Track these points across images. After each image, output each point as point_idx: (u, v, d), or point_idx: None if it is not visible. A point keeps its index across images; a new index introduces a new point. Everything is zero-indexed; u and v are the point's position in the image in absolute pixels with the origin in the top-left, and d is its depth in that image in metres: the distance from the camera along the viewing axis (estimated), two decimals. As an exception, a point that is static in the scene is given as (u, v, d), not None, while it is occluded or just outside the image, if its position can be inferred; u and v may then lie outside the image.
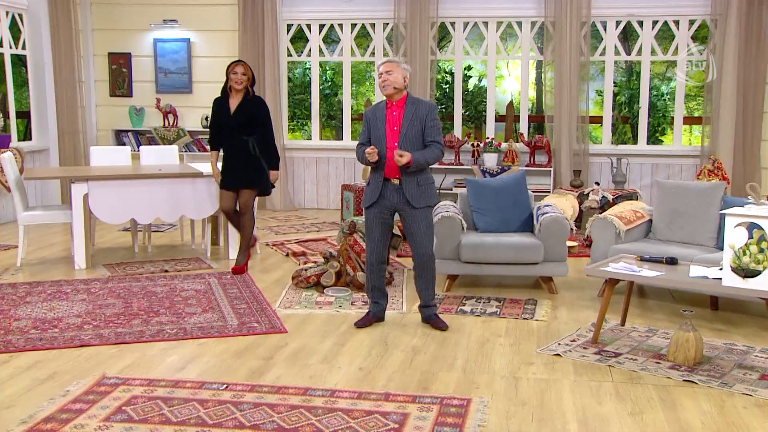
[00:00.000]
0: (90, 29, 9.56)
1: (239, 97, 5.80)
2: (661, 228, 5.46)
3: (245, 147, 5.75)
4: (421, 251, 4.48)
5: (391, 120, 4.43)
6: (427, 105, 4.46)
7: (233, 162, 5.81)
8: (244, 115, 5.75)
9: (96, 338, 4.31)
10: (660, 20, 8.74)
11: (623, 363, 3.95)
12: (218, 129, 5.87)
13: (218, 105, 5.88)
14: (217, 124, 5.86)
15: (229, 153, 5.82)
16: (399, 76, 4.38)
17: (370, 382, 3.69)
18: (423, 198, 4.42)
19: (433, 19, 8.96)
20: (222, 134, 5.85)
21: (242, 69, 5.73)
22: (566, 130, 8.75)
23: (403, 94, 4.45)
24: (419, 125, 4.39)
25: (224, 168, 5.87)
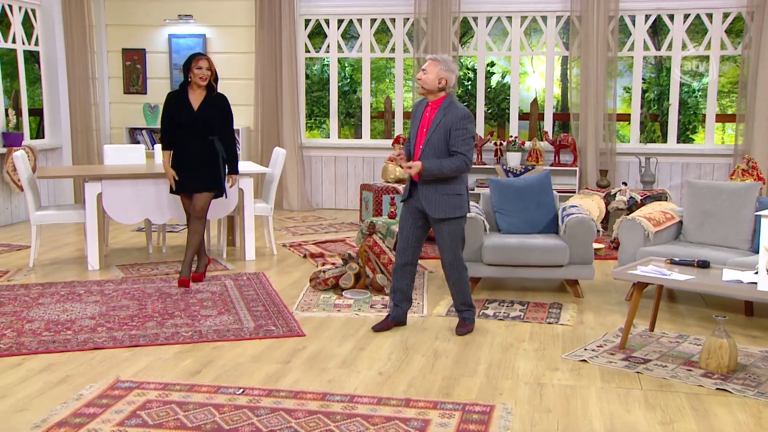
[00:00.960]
0: (103, 25, 9.65)
1: (201, 93, 5.51)
2: (692, 230, 5.41)
3: (209, 148, 5.51)
4: (442, 260, 4.51)
5: (424, 121, 4.40)
6: (457, 112, 4.29)
7: (193, 164, 5.50)
8: (209, 114, 5.49)
9: (110, 341, 4.35)
10: (692, 13, 8.66)
11: (652, 370, 3.92)
12: (174, 127, 5.52)
13: (176, 100, 5.51)
14: (174, 122, 5.51)
15: (189, 154, 5.50)
16: (433, 77, 4.31)
17: (390, 387, 3.69)
18: (442, 209, 4.34)
19: (455, 14, 8.94)
20: (178, 133, 5.51)
21: (206, 63, 5.44)
22: (592, 128, 8.70)
23: (439, 96, 4.36)
24: (444, 133, 4.29)
25: (181, 170, 5.53)
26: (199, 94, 5.50)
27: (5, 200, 8.33)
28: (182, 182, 5.56)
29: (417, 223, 4.49)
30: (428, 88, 4.34)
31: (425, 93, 4.38)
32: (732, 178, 7.88)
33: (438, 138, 4.30)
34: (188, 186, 5.55)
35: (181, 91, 5.53)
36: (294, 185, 9.48)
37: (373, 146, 9.51)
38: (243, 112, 9.60)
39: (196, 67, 5.40)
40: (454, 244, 4.44)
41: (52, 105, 9.10)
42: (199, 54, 5.53)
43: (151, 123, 9.64)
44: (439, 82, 4.32)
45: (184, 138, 5.51)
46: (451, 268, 4.49)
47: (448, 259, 4.47)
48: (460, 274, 4.51)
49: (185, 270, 5.56)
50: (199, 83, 5.43)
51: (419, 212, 4.46)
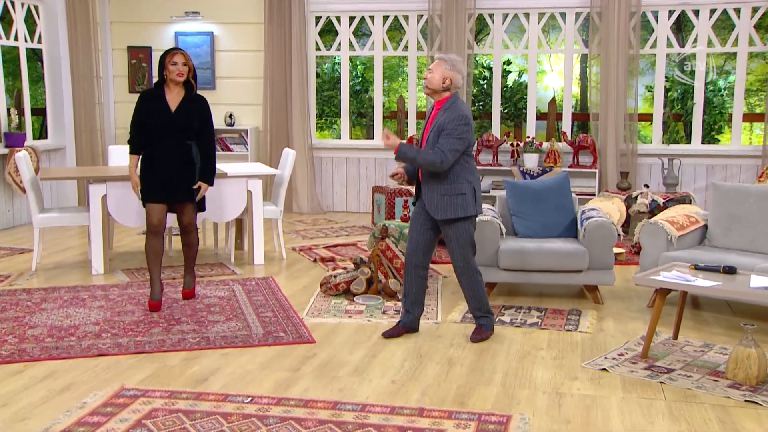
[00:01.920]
0: (108, 22, 9.72)
1: (179, 93, 5.08)
2: (718, 234, 5.38)
3: (186, 153, 5.09)
4: (453, 263, 4.51)
5: (428, 122, 4.44)
6: (453, 113, 4.27)
7: (169, 171, 5.06)
8: (188, 115, 5.07)
9: (114, 347, 4.37)
10: (718, 8, 8.60)
11: (676, 380, 3.89)
12: (145, 129, 5.09)
13: (151, 100, 5.07)
14: (147, 124, 5.07)
15: (164, 159, 5.05)
16: (438, 77, 4.31)
17: (403, 396, 3.69)
18: (442, 209, 4.34)
19: (471, 11, 8.94)
20: (149, 136, 5.08)
21: (182, 58, 5.01)
22: (613, 128, 8.67)
23: (444, 96, 4.36)
24: (438, 132, 4.30)
25: (153, 177, 5.08)
26: (176, 94, 5.08)
27: (7, 202, 8.39)
28: (154, 191, 5.09)
29: (426, 224, 4.49)
30: (433, 87, 4.35)
31: (430, 93, 4.40)
32: (760, 180, 7.83)
33: (434, 137, 4.32)
34: (164, 196, 5.11)
35: (156, 90, 5.10)
36: (304, 187, 9.50)
37: (385, 147, 9.49)
38: (252, 111, 9.64)
39: (171, 63, 4.98)
40: (463, 248, 4.43)
41: (55, 104, 9.17)
42: (174, 48, 5.12)
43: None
44: (444, 82, 4.33)
45: (157, 142, 5.05)
46: (462, 273, 4.49)
47: (458, 263, 4.47)
48: (473, 278, 4.51)
49: (189, 280, 5.43)
50: (176, 80, 5.00)
51: (428, 214, 4.47)
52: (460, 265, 4.47)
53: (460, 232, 4.41)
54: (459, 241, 4.42)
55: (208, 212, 6.36)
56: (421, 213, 4.49)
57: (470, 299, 4.57)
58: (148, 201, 5.13)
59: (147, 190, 5.12)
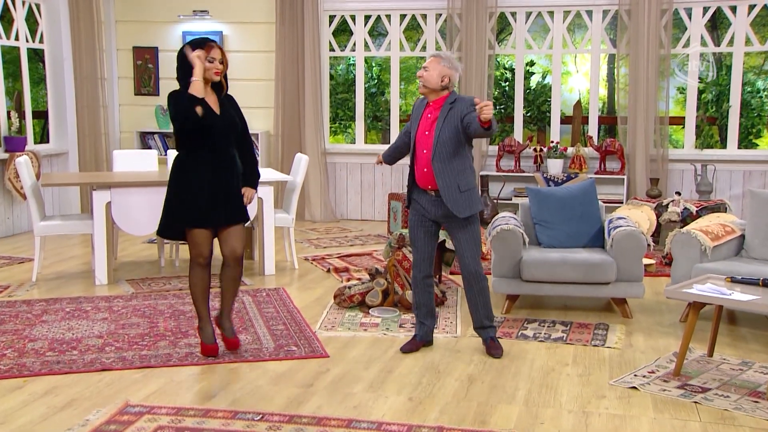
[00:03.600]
0: (113, 21, 9.81)
1: (211, 93, 4.41)
2: (756, 245, 5.34)
3: (233, 164, 4.44)
4: (464, 268, 4.50)
5: (425, 123, 4.42)
6: (467, 100, 4.33)
7: (215, 187, 4.36)
8: (232, 119, 4.44)
9: (118, 361, 4.39)
10: (758, 4, 8.54)
11: (712, 400, 3.86)
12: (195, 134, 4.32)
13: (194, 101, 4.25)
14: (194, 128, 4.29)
15: (208, 173, 4.35)
16: (435, 75, 4.34)
17: (420, 413, 3.68)
18: (467, 206, 4.36)
19: (492, 9, 8.95)
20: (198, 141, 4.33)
21: (219, 53, 4.39)
22: (642, 132, 8.64)
23: (442, 95, 4.39)
24: (455, 122, 4.28)
25: (194, 195, 4.34)
26: (210, 94, 4.40)
27: (7, 209, 8.47)
28: (197, 212, 4.36)
29: (429, 231, 4.53)
30: (430, 86, 4.37)
31: (427, 92, 4.40)
32: (799, 187, 7.77)
33: (449, 134, 4.30)
34: (210, 218, 4.40)
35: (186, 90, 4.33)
36: (317, 194, 9.52)
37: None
38: (262, 115, 9.69)
39: (207, 59, 4.34)
40: (476, 249, 4.46)
41: (57, 107, 9.25)
42: (208, 40, 4.42)
43: (164, 127, 9.76)
44: (442, 80, 4.35)
45: (199, 152, 4.35)
46: (476, 276, 4.49)
47: (473, 268, 4.46)
48: (485, 283, 4.55)
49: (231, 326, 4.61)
50: (214, 79, 4.37)
51: (429, 222, 4.50)
52: (473, 270, 4.46)
53: (473, 231, 4.45)
54: (472, 242, 4.44)
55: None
56: (422, 219, 4.51)
57: (481, 307, 4.55)
58: (192, 226, 4.38)
59: (188, 212, 4.36)
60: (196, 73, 4.24)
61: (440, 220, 4.47)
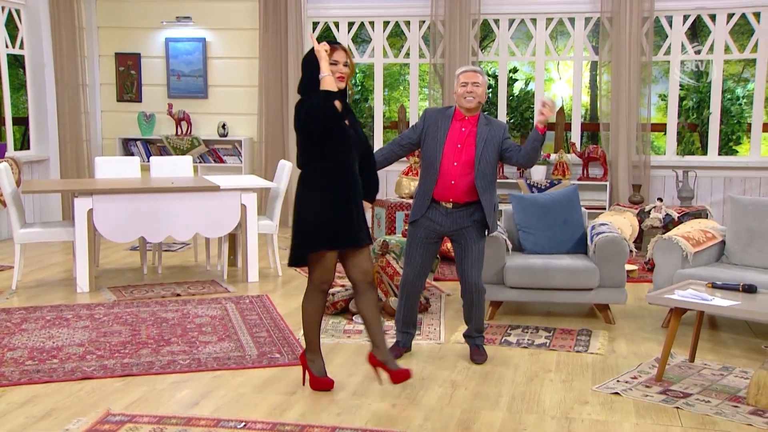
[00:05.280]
0: (95, 27, 9.77)
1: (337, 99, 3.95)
2: (736, 251, 5.38)
3: (358, 179, 4.02)
4: (471, 279, 4.51)
5: (457, 136, 4.43)
6: (501, 125, 4.53)
7: (351, 203, 3.94)
8: (358, 127, 4.07)
9: (100, 370, 4.36)
10: (736, 13, 8.64)
11: (694, 405, 3.89)
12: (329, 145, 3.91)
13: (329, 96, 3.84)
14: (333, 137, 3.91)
15: (340, 189, 3.93)
16: (483, 90, 4.46)
17: (404, 420, 3.68)
18: (495, 223, 4.53)
19: (475, 16, 8.99)
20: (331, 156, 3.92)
21: (344, 56, 3.95)
22: (624, 139, 8.70)
23: (477, 112, 4.48)
24: (495, 148, 4.43)
25: (325, 213, 3.90)
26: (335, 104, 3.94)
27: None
28: (329, 232, 3.89)
29: (432, 247, 4.55)
30: (480, 101, 4.44)
31: (474, 107, 4.43)
32: (780, 193, 7.84)
33: (491, 153, 4.42)
34: (349, 237, 3.94)
35: None
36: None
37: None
38: (246, 121, 9.68)
39: (330, 62, 3.91)
40: (482, 261, 4.55)
41: (38, 113, 9.19)
42: (333, 42, 3.99)
43: (146, 133, 9.72)
44: (484, 97, 4.50)
45: (332, 164, 3.93)
46: (477, 289, 4.52)
47: (476, 278, 4.50)
48: (483, 295, 4.59)
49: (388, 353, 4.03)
50: (338, 84, 3.92)
51: (437, 235, 4.51)
52: (476, 282, 4.49)
53: (482, 246, 4.54)
54: (481, 256, 4.51)
55: (200, 226, 6.38)
56: (431, 234, 4.50)
57: (475, 319, 4.59)
58: (324, 247, 3.91)
59: (323, 233, 3.89)
60: (324, 68, 3.83)
61: (450, 233, 4.48)
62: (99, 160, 7.21)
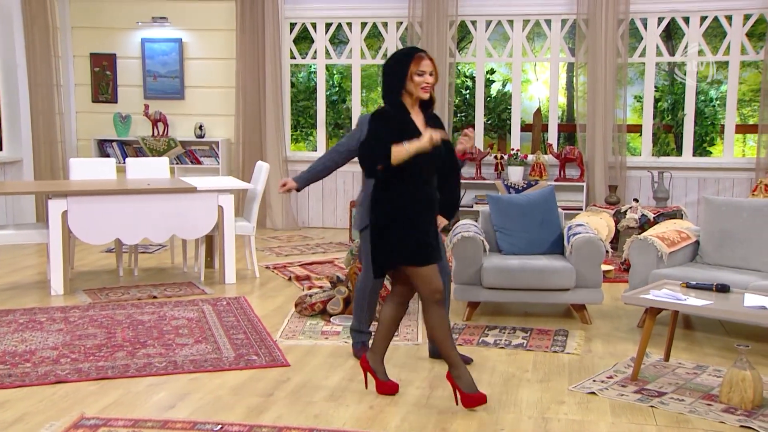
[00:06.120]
0: (69, 27, 9.68)
1: (418, 112, 3.90)
2: (710, 251, 5.44)
3: (435, 195, 3.96)
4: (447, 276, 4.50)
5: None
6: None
7: (431, 218, 3.94)
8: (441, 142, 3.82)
9: (74, 373, 4.32)
10: (709, 16, 8.73)
11: (668, 404, 3.92)
12: None
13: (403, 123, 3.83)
14: None
15: (425, 206, 3.88)
16: None
17: (381, 422, 3.69)
18: None
19: (452, 18, 9.02)
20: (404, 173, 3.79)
21: (431, 66, 3.79)
22: (601, 140, 8.76)
23: None
24: None
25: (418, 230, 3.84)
26: (417, 113, 3.89)
27: (-39, 219, 8.30)
28: (430, 246, 3.86)
29: None
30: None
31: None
32: (754, 194, 7.93)
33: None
34: (436, 251, 3.91)
35: (399, 110, 3.84)
36: (278, 202, 9.49)
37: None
38: (223, 122, 9.64)
39: (417, 72, 3.76)
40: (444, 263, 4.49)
41: (11, 114, 9.08)
42: (417, 50, 3.82)
43: (122, 135, 9.65)
44: None
45: (411, 183, 3.82)
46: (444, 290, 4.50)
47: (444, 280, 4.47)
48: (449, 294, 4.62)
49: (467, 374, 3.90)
50: (422, 96, 3.81)
51: None
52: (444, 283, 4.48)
53: (444, 252, 4.49)
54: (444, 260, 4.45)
55: (177, 228, 6.35)
56: None
57: None
58: (429, 262, 3.83)
59: (420, 247, 3.82)
60: (413, 147, 3.68)
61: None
62: (74, 162, 7.15)
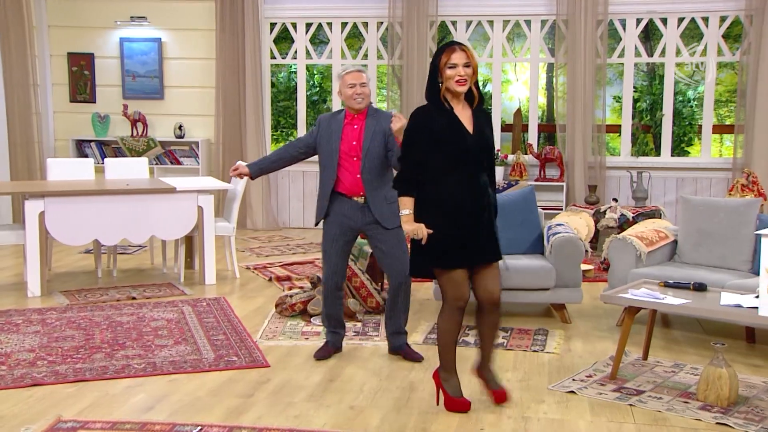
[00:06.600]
0: (46, 26, 9.58)
1: (464, 107, 3.80)
2: (688, 250, 5.48)
3: (485, 192, 3.81)
4: (396, 272, 4.51)
5: (351, 135, 4.48)
6: (388, 116, 4.48)
7: (470, 219, 3.77)
8: (487, 136, 3.81)
9: (51, 376, 4.28)
10: (686, 17, 8.81)
11: (646, 402, 3.95)
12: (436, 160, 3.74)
13: (441, 118, 3.74)
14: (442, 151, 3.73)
15: (462, 204, 3.74)
16: (370, 89, 4.51)
17: (362, 422, 3.68)
18: (394, 217, 4.44)
19: (433, 18, 9.03)
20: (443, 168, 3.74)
21: (464, 57, 3.67)
22: (580, 140, 8.80)
23: (365, 108, 4.52)
24: (381, 138, 4.43)
25: (449, 231, 3.75)
26: (462, 108, 3.79)
27: (-64, 220, 8.20)
28: (455, 250, 3.77)
29: (347, 246, 4.58)
30: (368, 101, 4.48)
31: (360, 108, 4.47)
32: (731, 193, 8.00)
33: (377, 146, 4.42)
34: (473, 254, 3.80)
35: (437, 105, 3.77)
36: (258, 202, 9.46)
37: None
38: (203, 123, 9.59)
39: (448, 65, 3.68)
40: (405, 250, 4.48)
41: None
42: (451, 44, 3.74)
43: (100, 135, 9.58)
44: None
45: (448, 179, 3.74)
46: (407, 279, 4.53)
47: (405, 270, 4.42)
48: (410, 288, 4.64)
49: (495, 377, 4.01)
50: (456, 90, 3.71)
51: (351, 231, 4.53)
52: (407, 273, 4.43)
53: (402, 236, 4.47)
54: (403, 245, 4.49)
55: (156, 229, 6.31)
56: (345, 230, 4.52)
57: (404, 311, 4.63)
58: (450, 266, 3.79)
59: (444, 251, 3.77)
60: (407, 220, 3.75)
61: (365, 228, 4.51)
62: (51, 162, 7.09)
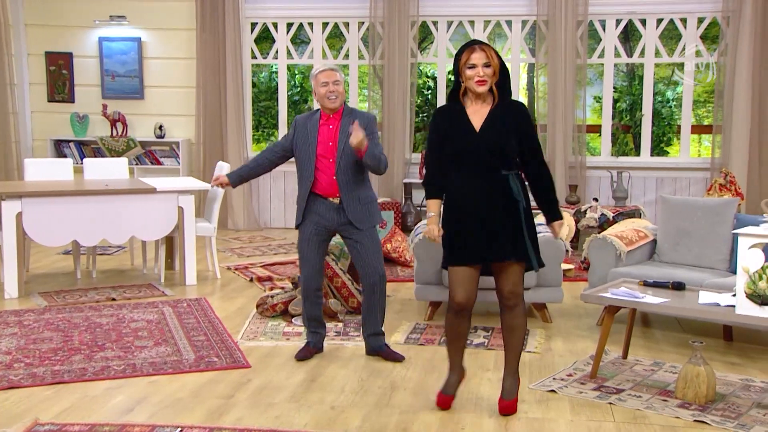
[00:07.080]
0: (23, 25, 9.50)
1: (486, 104, 3.78)
2: (667, 249, 5.52)
3: (503, 188, 3.75)
4: (371, 271, 4.53)
5: (327, 135, 4.49)
6: (365, 117, 4.52)
7: (480, 215, 3.73)
8: (498, 133, 3.72)
9: (28, 378, 4.25)
10: (665, 18, 8.89)
11: (626, 400, 3.98)
12: (445, 158, 3.80)
13: (449, 117, 3.81)
14: (445, 150, 3.79)
15: (471, 199, 3.74)
16: (344, 87, 4.53)
17: (343, 422, 3.68)
18: (368, 218, 4.49)
19: (414, 18, 9.04)
20: (451, 166, 3.79)
21: (483, 57, 3.67)
22: (561, 140, 8.85)
23: (340, 108, 4.53)
24: None
25: (455, 227, 3.79)
26: (480, 105, 3.77)
27: None
28: (460, 247, 3.78)
29: (322, 246, 4.60)
30: (342, 99, 4.50)
31: (335, 107, 4.47)
32: (709, 193, 8.08)
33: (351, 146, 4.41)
34: (476, 254, 3.75)
35: (454, 103, 3.83)
36: (239, 203, 9.43)
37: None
38: (183, 123, 9.56)
39: (467, 65, 3.69)
40: (379, 250, 4.55)
41: (-37, 114, 8.91)
42: (472, 43, 3.74)
43: (79, 135, 9.51)
44: None
45: (458, 175, 3.77)
46: (382, 279, 4.56)
47: (381, 271, 4.52)
48: (386, 287, 4.66)
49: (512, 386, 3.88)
50: (476, 90, 3.71)
51: (326, 231, 4.55)
52: (382, 273, 4.53)
53: (376, 236, 4.54)
54: (377, 245, 4.53)
55: (136, 229, 6.28)
56: (320, 231, 4.54)
57: (380, 311, 4.64)
58: (453, 263, 3.79)
59: (448, 248, 3.81)
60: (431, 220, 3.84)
61: (340, 228, 4.52)
62: (28, 162, 7.04)
